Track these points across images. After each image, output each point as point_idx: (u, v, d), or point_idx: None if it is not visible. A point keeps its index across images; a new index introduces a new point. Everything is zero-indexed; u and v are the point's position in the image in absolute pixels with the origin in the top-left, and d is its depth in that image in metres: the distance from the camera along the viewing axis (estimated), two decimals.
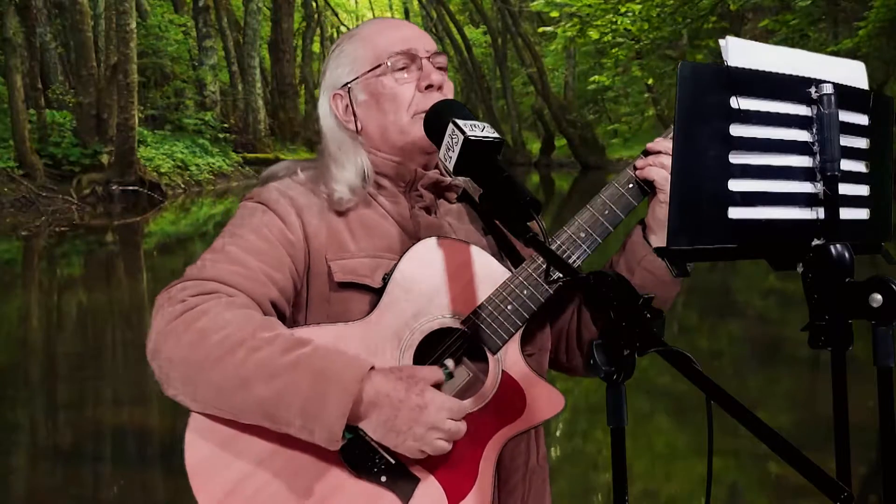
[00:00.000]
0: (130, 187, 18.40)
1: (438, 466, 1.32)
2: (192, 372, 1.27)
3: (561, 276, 1.14)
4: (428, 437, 1.27)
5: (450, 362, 1.37)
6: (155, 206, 18.06)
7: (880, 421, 1.07)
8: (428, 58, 1.47)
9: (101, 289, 10.18)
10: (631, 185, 1.41)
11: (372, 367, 1.28)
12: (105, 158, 18.69)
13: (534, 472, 1.49)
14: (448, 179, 1.51)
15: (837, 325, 1.09)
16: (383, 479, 1.31)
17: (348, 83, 1.49)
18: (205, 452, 1.31)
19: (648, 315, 1.01)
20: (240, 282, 1.33)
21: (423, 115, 1.39)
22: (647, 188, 1.41)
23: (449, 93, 1.47)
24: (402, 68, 1.46)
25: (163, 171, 20.33)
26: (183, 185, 21.05)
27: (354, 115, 1.49)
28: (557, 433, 4.85)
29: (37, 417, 5.59)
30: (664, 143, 1.39)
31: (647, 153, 1.41)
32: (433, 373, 1.33)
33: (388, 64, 1.46)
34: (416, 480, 1.32)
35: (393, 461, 1.31)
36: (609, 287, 1.03)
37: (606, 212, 1.40)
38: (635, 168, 1.41)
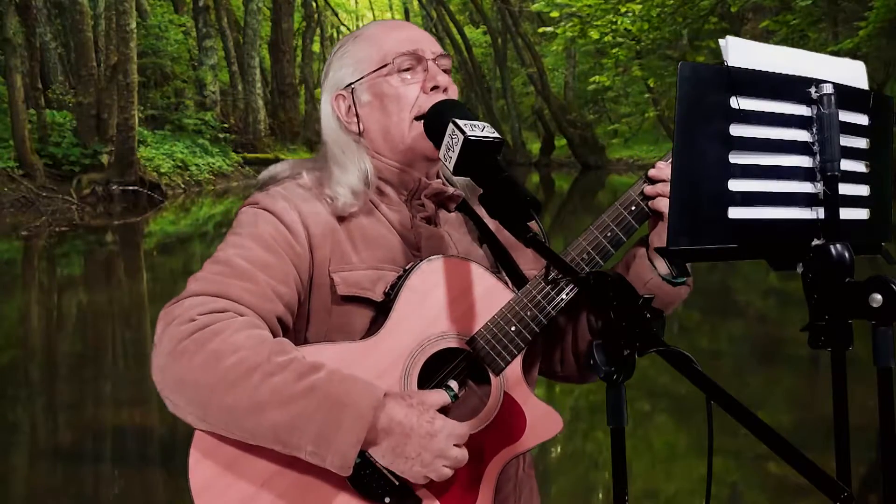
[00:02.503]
0: (130, 187, 18.40)
1: (441, 488, 1.33)
2: (203, 394, 1.24)
3: (561, 276, 1.14)
4: (435, 464, 1.28)
5: (453, 384, 1.37)
6: (155, 206, 18.05)
7: (880, 421, 1.07)
8: (433, 59, 1.46)
9: (101, 289, 10.18)
10: (634, 208, 1.40)
11: (385, 394, 1.28)
12: (105, 158, 18.68)
13: (522, 481, 1.50)
14: (450, 189, 1.50)
15: (837, 325, 1.09)
16: (387, 500, 1.31)
17: (352, 84, 1.47)
18: (209, 473, 1.30)
19: (648, 315, 1.01)
20: (249, 299, 1.30)
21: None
22: (649, 211, 1.40)
23: (454, 95, 1.46)
24: (408, 69, 1.45)
25: (163, 171, 20.32)
26: (183, 185, 21.05)
27: (357, 116, 1.47)
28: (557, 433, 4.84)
29: (37, 417, 5.60)
30: (668, 171, 1.37)
31: (651, 180, 1.39)
32: (440, 396, 1.33)
33: (394, 64, 1.44)
34: (419, 502, 1.32)
35: (397, 482, 1.31)
36: (609, 287, 1.03)
37: (609, 234, 1.39)
38: (642, 195, 1.39)
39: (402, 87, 1.44)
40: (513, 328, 1.36)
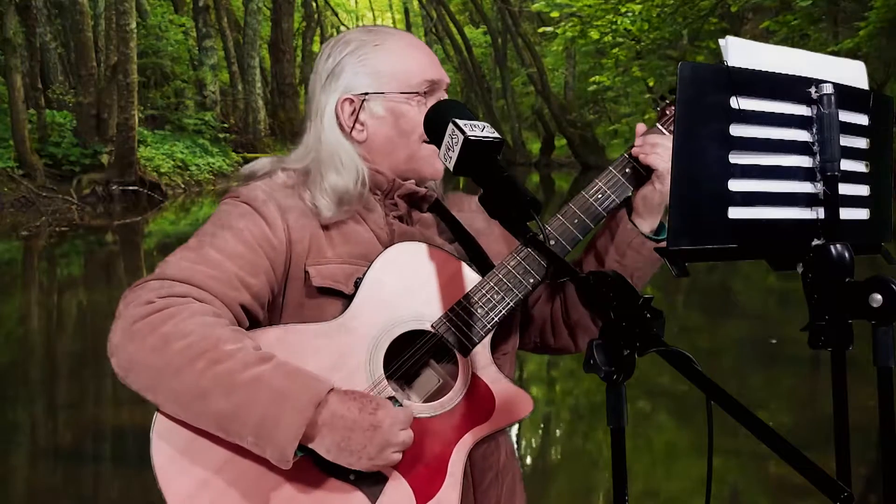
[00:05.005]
0: (130, 187, 18.38)
1: (407, 467, 1.33)
2: (152, 377, 1.28)
3: (560, 276, 1.14)
4: (383, 455, 1.28)
5: (394, 393, 1.36)
6: (155, 206, 18.04)
7: (880, 421, 1.07)
8: (445, 88, 1.51)
9: (101, 289, 10.18)
10: (628, 170, 1.46)
11: (331, 389, 1.28)
12: (105, 158, 18.67)
13: (504, 470, 1.50)
14: (422, 190, 1.52)
15: (837, 325, 1.09)
16: (352, 477, 1.31)
17: (368, 94, 1.47)
18: (168, 454, 1.33)
19: (648, 315, 1.01)
20: (211, 285, 1.32)
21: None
22: (643, 173, 1.46)
23: None
24: (427, 94, 1.48)
25: (163, 171, 20.30)
26: (183, 185, 21.03)
27: (362, 123, 1.48)
28: (558, 433, 4.85)
29: (37, 417, 5.59)
30: (655, 138, 1.45)
31: (640, 143, 1.47)
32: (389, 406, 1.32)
33: (420, 90, 1.47)
34: (385, 479, 1.32)
35: None
36: (609, 287, 1.03)
37: (600, 195, 1.46)
38: (630, 154, 1.46)
39: (420, 113, 1.45)
40: (479, 310, 1.38)
